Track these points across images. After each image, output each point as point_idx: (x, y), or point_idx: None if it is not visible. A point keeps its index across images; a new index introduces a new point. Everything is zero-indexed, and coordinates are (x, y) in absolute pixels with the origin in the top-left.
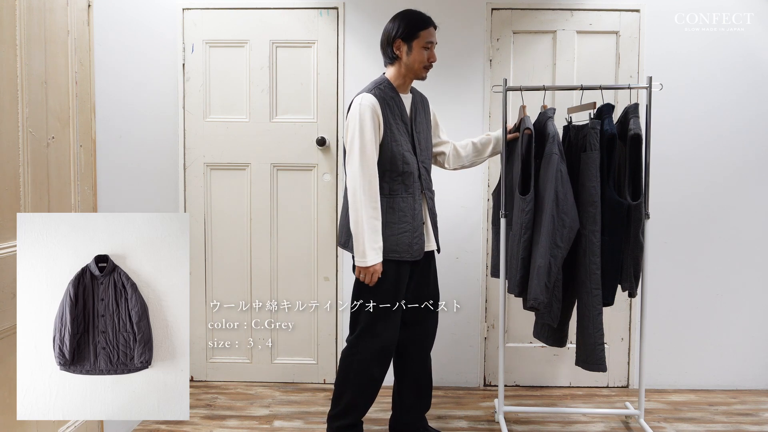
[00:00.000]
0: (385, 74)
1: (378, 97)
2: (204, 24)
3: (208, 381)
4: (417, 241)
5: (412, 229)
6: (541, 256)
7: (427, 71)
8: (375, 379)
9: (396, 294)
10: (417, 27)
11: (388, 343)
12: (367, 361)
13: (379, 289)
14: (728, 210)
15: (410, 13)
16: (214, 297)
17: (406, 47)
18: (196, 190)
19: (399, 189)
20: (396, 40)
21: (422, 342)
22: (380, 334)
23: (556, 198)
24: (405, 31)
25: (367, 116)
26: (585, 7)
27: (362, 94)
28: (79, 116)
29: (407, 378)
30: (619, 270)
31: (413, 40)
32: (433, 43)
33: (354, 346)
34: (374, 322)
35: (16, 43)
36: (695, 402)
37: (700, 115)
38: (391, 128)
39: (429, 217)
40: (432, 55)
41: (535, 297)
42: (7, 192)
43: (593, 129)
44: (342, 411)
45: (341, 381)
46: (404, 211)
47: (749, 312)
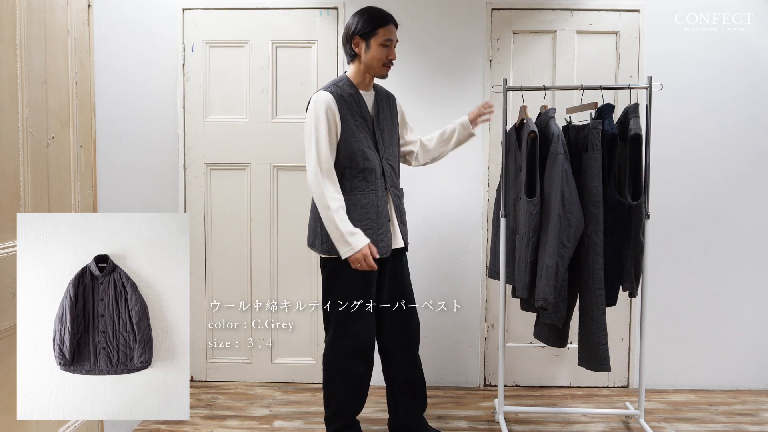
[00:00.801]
0: (346, 72)
1: (335, 94)
2: (204, 24)
3: (208, 381)
4: (383, 238)
5: (377, 226)
6: (549, 256)
7: (387, 69)
8: (360, 376)
9: (366, 290)
10: (375, 24)
11: (365, 340)
12: (348, 360)
13: (348, 287)
14: (728, 210)
15: (370, 10)
16: (214, 297)
17: (365, 44)
18: (196, 190)
19: (360, 185)
20: (354, 37)
21: (407, 343)
22: (355, 333)
23: (562, 198)
24: (363, 27)
25: (321, 113)
26: (585, 7)
27: (318, 92)
28: (79, 116)
29: (399, 382)
30: (621, 270)
31: (371, 37)
32: (393, 40)
33: (332, 347)
34: (347, 321)
35: (16, 43)
36: (695, 402)
37: (700, 115)
38: (349, 125)
39: (395, 215)
40: (391, 53)
41: (544, 297)
42: (7, 192)
43: (595, 129)
44: (334, 413)
45: (327, 383)
46: (366, 208)
47: (749, 312)
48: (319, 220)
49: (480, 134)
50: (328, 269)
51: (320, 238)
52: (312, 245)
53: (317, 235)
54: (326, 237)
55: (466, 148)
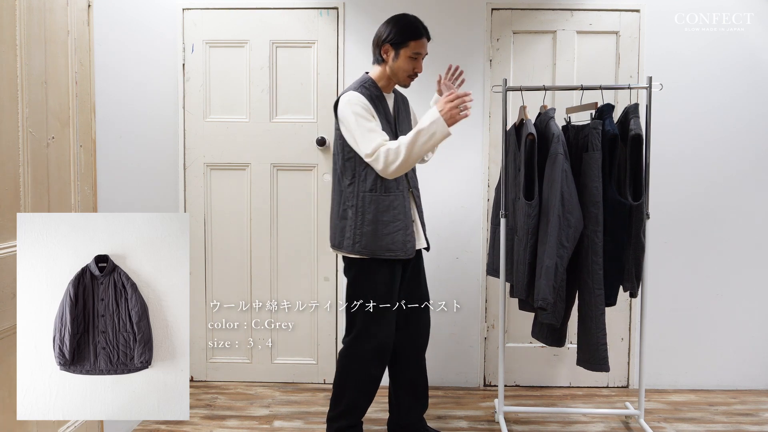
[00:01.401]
0: (368, 73)
1: (365, 95)
2: (204, 24)
3: (208, 381)
4: (410, 238)
5: (405, 227)
6: (548, 256)
7: (411, 80)
8: (374, 378)
9: (391, 294)
10: (408, 36)
11: (385, 342)
12: (366, 361)
13: (375, 289)
14: (728, 210)
15: (405, 20)
16: (214, 297)
17: (394, 53)
18: (196, 190)
19: (391, 186)
20: (385, 44)
21: (416, 344)
22: (376, 334)
23: (561, 198)
24: (395, 37)
25: (360, 108)
26: (585, 7)
27: (350, 92)
28: (79, 116)
29: (403, 381)
30: (621, 270)
31: (402, 48)
32: (422, 54)
33: (351, 347)
34: (370, 323)
35: (16, 43)
36: (695, 402)
37: (700, 115)
38: (380, 125)
39: (417, 215)
40: (418, 66)
41: (543, 297)
42: (7, 192)
43: (595, 129)
44: (342, 412)
45: (340, 382)
46: (397, 209)
47: (749, 312)
48: (346, 219)
49: (480, 134)
50: (355, 269)
51: (350, 238)
52: (338, 246)
53: (345, 236)
54: (358, 236)
55: (466, 148)
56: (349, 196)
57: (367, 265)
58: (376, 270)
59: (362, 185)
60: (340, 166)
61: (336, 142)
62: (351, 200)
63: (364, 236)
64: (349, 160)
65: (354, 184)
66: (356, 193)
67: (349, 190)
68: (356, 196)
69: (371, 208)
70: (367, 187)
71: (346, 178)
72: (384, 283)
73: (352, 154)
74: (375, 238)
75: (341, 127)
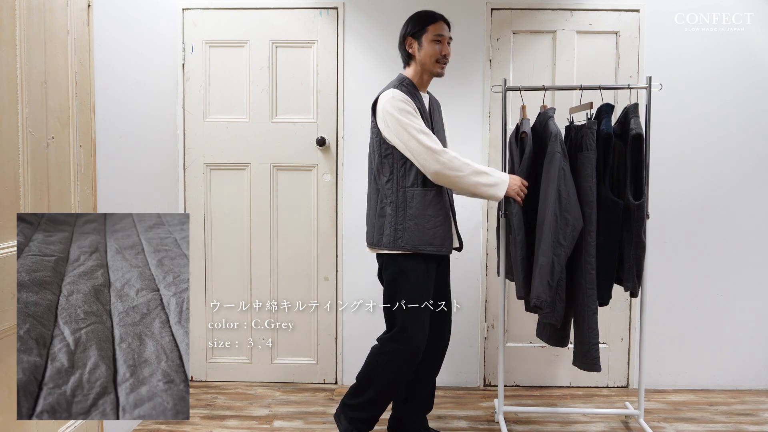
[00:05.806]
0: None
1: (405, 92)
2: (204, 24)
3: (208, 381)
4: (449, 235)
5: (446, 222)
6: (543, 254)
7: (441, 66)
8: (401, 380)
9: (427, 290)
10: (425, 22)
11: (419, 346)
12: (399, 362)
13: (416, 286)
14: (728, 210)
15: (419, 12)
16: (214, 297)
17: (417, 43)
18: (196, 190)
19: (431, 182)
20: (407, 38)
21: (440, 345)
22: (414, 336)
23: (558, 196)
24: (413, 27)
25: (405, 105)
26: (585, 7)
27: (390, 89)
28: (79, 116)
29: (419, 381)
30: (614, 270)
31: (422, 35)
32: (444, 36)
33: (387, 345)
34: (408, 323)
35: (16, 43)
36: (695, 402)
37: (700, 115)
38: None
39: (452, 214)
40: (444, 48)
41: (537, 295)
42: (7, 192)
43: (589, 129)
44: (362, 404)
45: (367, 376)
46: (440, 204)
47: (749, 312)
48: (384, 217)
49: (480, 134)
50: (394, 267)
51: (391, 234)
52: (376, 244)
53: (384, 233)
54: (400, 231)
55: (466, 148)
56: (387, 193)
57: (405, 263)
58: (415, 267)
59: (402, 181)
60: (377, 163)
61: (372, 140)
62: (390, 197)
63: (407, 231)
64: (386, 157)
65: (392, 181)
66: (395, 189)
67: (387, 187)
68: (395, 192)
69: (413, 202)
70: (409, 182)
71: (384, 176)
72: (419, 279)
73: (390, 150)
74: (418, 233)
75: (380, 123)
